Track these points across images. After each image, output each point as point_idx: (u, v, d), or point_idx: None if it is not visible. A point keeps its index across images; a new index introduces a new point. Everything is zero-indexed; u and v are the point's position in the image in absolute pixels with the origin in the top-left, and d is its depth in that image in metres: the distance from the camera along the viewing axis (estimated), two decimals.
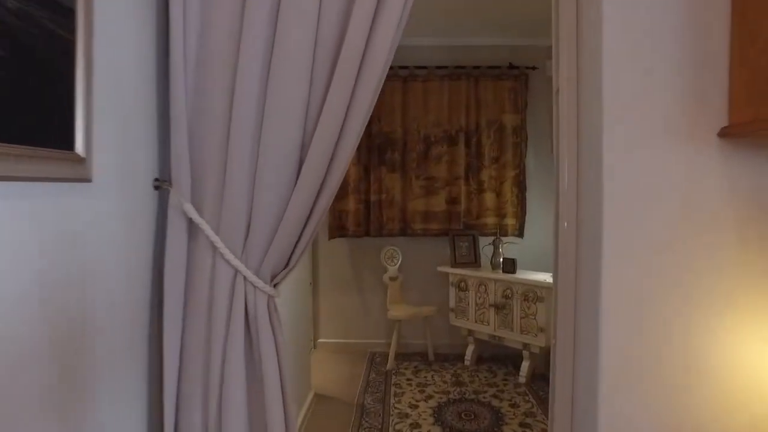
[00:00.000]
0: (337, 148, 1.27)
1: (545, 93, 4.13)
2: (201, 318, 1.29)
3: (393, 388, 3.44)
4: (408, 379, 3.61)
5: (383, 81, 1.32)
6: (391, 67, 3.88)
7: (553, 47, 1.58)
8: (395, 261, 4.14)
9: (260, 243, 1.28)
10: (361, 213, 4.10)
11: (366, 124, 1.34)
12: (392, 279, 4.10)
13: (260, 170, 1.25)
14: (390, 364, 3.80)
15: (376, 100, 1.33)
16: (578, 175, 1.50)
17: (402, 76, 4.05)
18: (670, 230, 1.22)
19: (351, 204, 4.07)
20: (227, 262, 1.26)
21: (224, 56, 1.25)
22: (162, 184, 1.29)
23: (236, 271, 1.27)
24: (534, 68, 4.08)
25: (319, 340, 4.32)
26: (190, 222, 1.27)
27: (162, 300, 1.28)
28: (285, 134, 1.25)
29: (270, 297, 1.32)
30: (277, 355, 1.31)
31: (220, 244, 1.25)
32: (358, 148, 4.09)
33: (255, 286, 1.28)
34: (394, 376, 3.68)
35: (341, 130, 1.26)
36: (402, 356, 4.06)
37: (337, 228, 4.12)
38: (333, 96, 1.23)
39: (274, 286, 1.33)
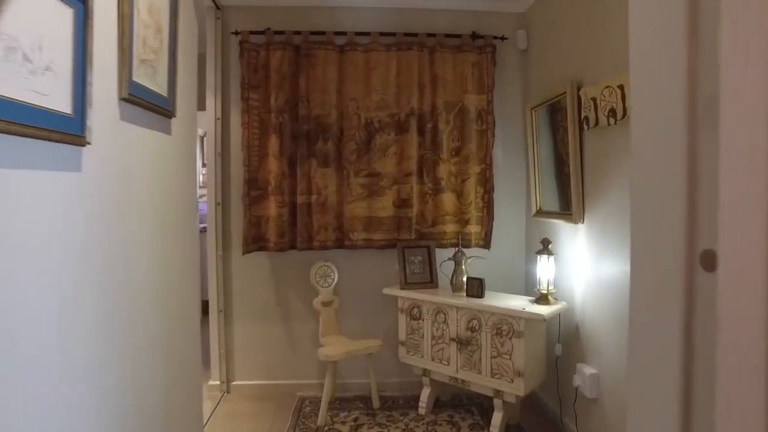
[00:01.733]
0: None
1: (517, 69, 3.34)
2: None
3: None
4: None
5: None
6: (323, 33, 2.94)
7: None
8: (329, 281, 3.23)
9: None
10: (284, 220, 3.16)
11: None
12: (325, 304, 3.19)
13: None
14: (321, 418, 2.87)
15: None
16: None
17: (338, 45, 3.16)
18: None
19: (271, 208, 3.13)
20: None
21: None
22: None
23: None
24: (503, 38, 3.28)
25: (234, 383, 3.34)
26: None
27: None
28: None
29: None
30: None
31: None
32: (280, 135, 3.16)
33: None
34: None
35: None
36: (339, 403, 3.15)
37: (254, 239, 3.16)
38: None
39: None
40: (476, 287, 2.72)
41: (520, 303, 2.61)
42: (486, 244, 3.25)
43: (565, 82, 2.56)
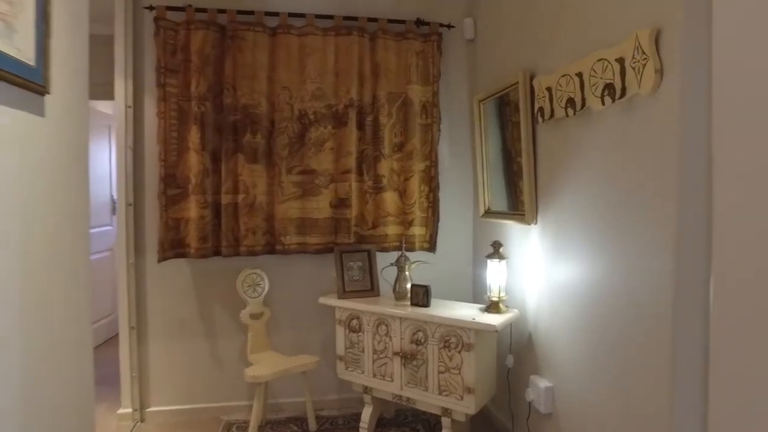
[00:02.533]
0: None
1: (464, 60, 3.14)
2: None
3: None
4: None
5: None
6: (252, 12, 2.45)
7: None
8: (259, 291, 2.88)
9: None
10: (207, 222, 2.78)
11: None
12: (254, 317, 2.84)
13: None
14: None
15: None
16: None
17: (269, 27, 2.83)
18: None
19: (192, 209, 2.75)
20: None
21: None
22: None
23: None
24: (449, 27, 3.06)
25: (149, 410, 2.92)
26: None
27: None
28: None
29: None
30: None
31: None
32: (202, 127, 2.78)
33: None
34: None
35: None
36: (272, 426, 2.80)
37: (172, 245, 2.77)
38: None
39: None
40: (421, 295, 2.46)
41: (469, 312, 2.38)
42: (431, 247, 3.01)
43: (516, 72, 2.36)
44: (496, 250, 2.39)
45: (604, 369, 1.81)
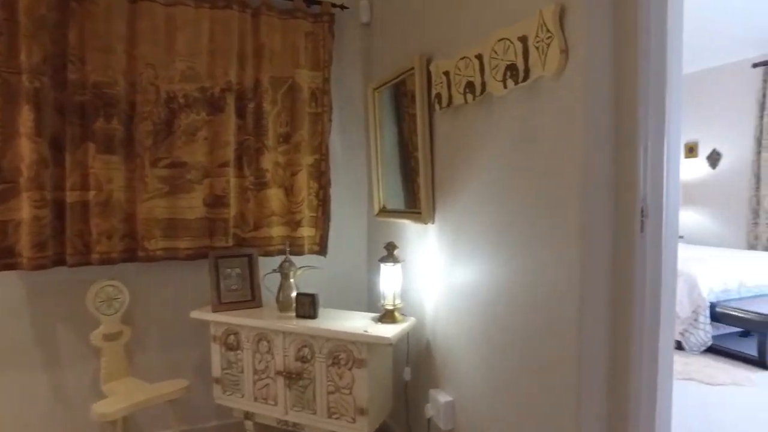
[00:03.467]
0: None
1: (359, 45, 2.89)
2: None
3: None
4: None
5: None
6: None
7: None
8: (116, 306, 2.40)
9: None
10: (46, 225, 2.25)
11: None
12: (110, 338, 2.36)
13: None
14: None
15: None
16: None
17: None
18: None
19: (25, 209, 2.21)
20: None
21: None
22: None
23: None
24: (343, 7, 2.78)
25: None
26: None
27: None
28: None
29: None
30: None
31: None
32: (36, 107, 2.21)
33: None
34: None
35: None
36: None
37: None
38: None
39: None
40: (307, 305, 2.16)
41: (361, 323, 2.12)
42: (322, 250, 2.71)
43: (413, 56, 2.14)
44: (390, 253, 2.15)
45: (509, 380, 1.63)
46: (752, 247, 5.24)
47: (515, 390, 1.59)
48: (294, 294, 2.27)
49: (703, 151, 5.70)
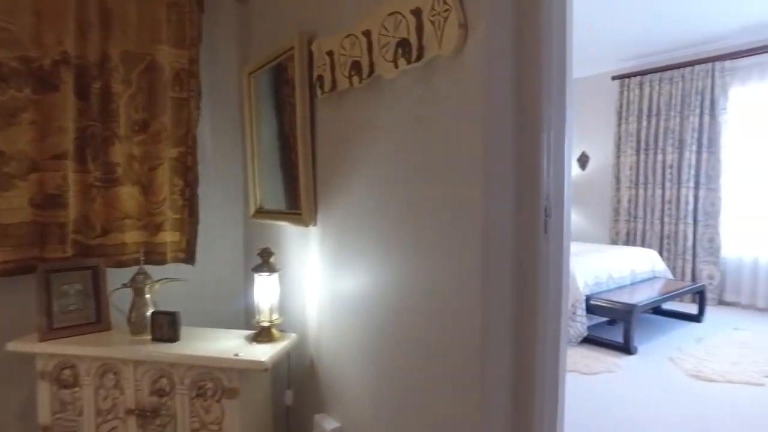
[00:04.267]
0: None
1: (234, 23, 2.55)
2: None
3: None
4: None
5: None
6: None
7: None
8: None
9: None
10: None
11: None
12: None
13: None
14: None
15: None
16: None
17: None
18: None
19: None
20: None
21: None
22: None
23: None
24: None
25: None
26: None
27: None
28: None
29: None
30: None
31: None
32: None
33: None
34: None
35: None
36: None
37: None
38: None
39: None
40: (166, 327, 1.79)
41: (233, 344, 1.80)
42: (189, 257, 2.32)
43: (293, 35, 1.87)
44: (265, 261, 1.85)
45: (403, 400, 1.43)
46: (614, 242, 5.71)
47: (412, 411, 1.40)
48: (150, 313, 1.87)
49: (574, 154, 6.11)
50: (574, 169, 6.08)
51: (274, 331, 1.86)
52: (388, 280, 1.47)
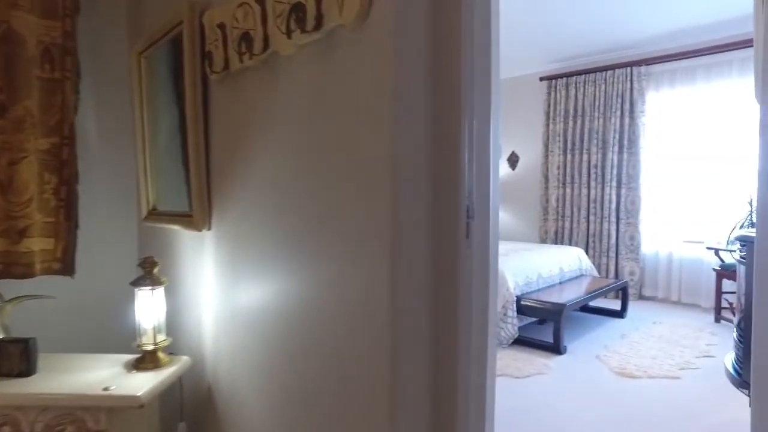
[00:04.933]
0: None
1: None
2: None
3: None
4: None
5: None
6: None
7: None
8: None
9: None
10: None
11: None
12: None
13: None
14: None
15: None
16: None
17: None
18: None
19: None
20: None
21: None
22: None
23: None
24: None
25: None
26: None
27: None
28: None
29: None
30: None
31: None
32: None
33: None
34: None
35: None
36: None
37: None
38: None
39: None
40: (16, 358, 1.45)
41: (105, 374, 1.49)
42: (66, 268, 1.96)
43: (182, 5, 1.58)
44: (148, 272, 1.56)
45: (317, 428, 1.21)
46: (543, 240, 5.77)
47: None
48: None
49: (505, 153, 6.12)
50: (504, 169, 6.08)
51: (161, 355, 1.57)
52: (289, 292, 1.24)
